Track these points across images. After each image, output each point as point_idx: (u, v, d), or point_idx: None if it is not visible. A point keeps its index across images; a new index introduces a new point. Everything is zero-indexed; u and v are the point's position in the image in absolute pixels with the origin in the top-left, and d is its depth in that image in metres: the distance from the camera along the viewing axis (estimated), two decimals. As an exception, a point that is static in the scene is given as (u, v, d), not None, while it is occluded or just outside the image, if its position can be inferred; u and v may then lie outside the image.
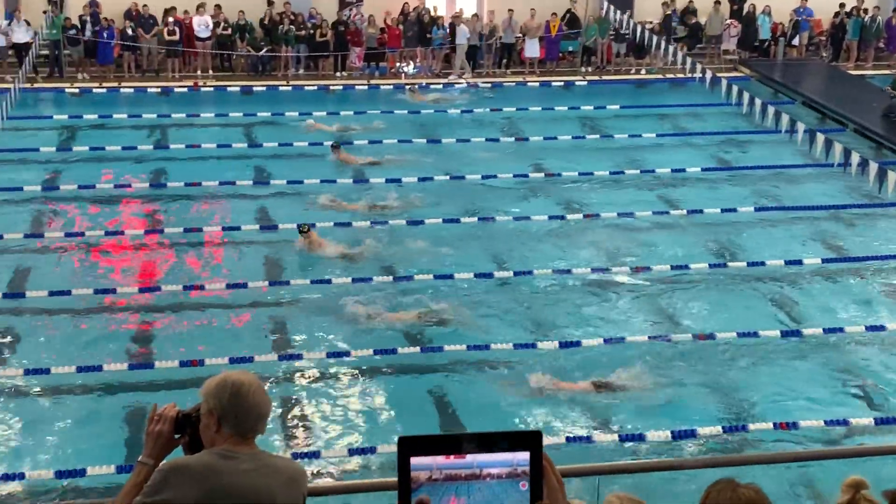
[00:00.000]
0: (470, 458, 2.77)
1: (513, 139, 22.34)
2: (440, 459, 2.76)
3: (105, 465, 10.53)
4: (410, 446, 2.77)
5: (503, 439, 2.81)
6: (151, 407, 3.75)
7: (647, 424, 11.45)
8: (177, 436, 3.70)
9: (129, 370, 12.50)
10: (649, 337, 13.51)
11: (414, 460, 2.76)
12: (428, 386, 12.45)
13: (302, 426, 11.60)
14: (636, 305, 14.69)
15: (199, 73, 26.28)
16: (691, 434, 11.23)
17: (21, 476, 10.39)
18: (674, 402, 12.11)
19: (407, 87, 25.73)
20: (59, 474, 10.41)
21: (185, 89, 25.29)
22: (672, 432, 11.19)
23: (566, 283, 15.28)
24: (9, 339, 13.35)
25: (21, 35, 24.87)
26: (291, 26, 26.54)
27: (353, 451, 10.97)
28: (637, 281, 15.38)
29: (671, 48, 25.82)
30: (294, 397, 12.17)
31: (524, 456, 2.81)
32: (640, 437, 11.15)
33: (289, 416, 11.72)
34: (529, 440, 2.82)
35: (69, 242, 16.32)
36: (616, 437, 11.24)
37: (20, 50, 24.64)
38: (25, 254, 15.95)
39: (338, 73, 26.93)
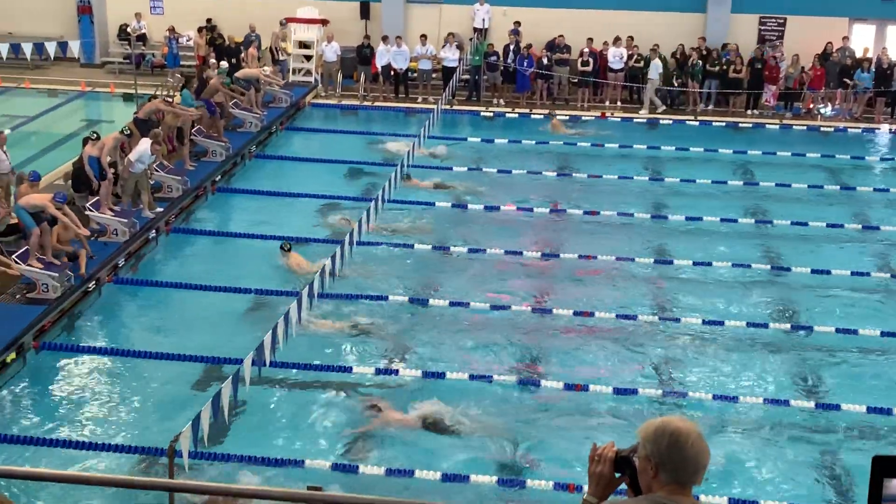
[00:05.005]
0: None
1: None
2: None
3: (545, 480, 10.94)
4: (886, 466, 2.73)
5: None
6: (591, 446, 3.74)
7: None
8: (617, 474, 3.66)
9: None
10: None
11: None
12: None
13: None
14: None
15: (607, 103, 26.64)
16: None
17: (466, 479, 10.97)
18: None
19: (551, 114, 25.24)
20: (501, 482, 10.94)
21: (592, 118, 25.69)
22: None
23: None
24: (409, 345, 14.31)
25: (451, 60, 26.46)
26: (699, 60, 26.19)
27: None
28: None
29: None
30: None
31: None
32: None
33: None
34: None
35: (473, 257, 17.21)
36: None
37: (447, 73, 26.25)
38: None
39: (749, 111, 26.18)
